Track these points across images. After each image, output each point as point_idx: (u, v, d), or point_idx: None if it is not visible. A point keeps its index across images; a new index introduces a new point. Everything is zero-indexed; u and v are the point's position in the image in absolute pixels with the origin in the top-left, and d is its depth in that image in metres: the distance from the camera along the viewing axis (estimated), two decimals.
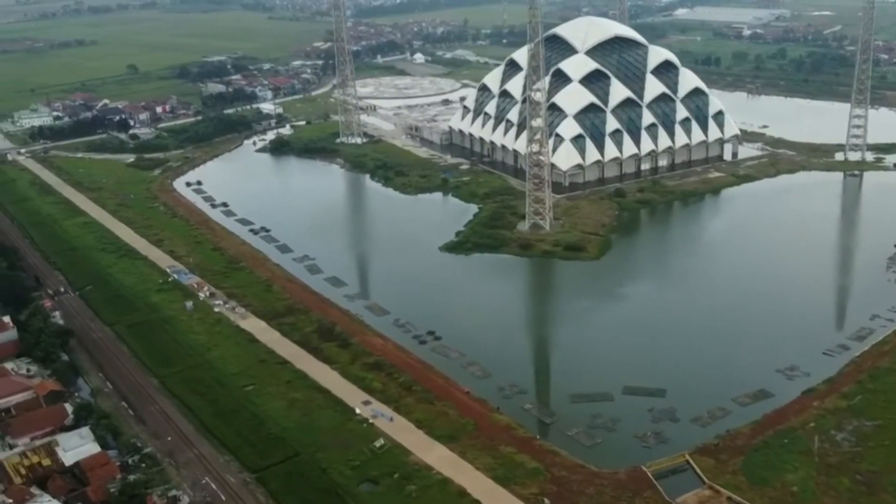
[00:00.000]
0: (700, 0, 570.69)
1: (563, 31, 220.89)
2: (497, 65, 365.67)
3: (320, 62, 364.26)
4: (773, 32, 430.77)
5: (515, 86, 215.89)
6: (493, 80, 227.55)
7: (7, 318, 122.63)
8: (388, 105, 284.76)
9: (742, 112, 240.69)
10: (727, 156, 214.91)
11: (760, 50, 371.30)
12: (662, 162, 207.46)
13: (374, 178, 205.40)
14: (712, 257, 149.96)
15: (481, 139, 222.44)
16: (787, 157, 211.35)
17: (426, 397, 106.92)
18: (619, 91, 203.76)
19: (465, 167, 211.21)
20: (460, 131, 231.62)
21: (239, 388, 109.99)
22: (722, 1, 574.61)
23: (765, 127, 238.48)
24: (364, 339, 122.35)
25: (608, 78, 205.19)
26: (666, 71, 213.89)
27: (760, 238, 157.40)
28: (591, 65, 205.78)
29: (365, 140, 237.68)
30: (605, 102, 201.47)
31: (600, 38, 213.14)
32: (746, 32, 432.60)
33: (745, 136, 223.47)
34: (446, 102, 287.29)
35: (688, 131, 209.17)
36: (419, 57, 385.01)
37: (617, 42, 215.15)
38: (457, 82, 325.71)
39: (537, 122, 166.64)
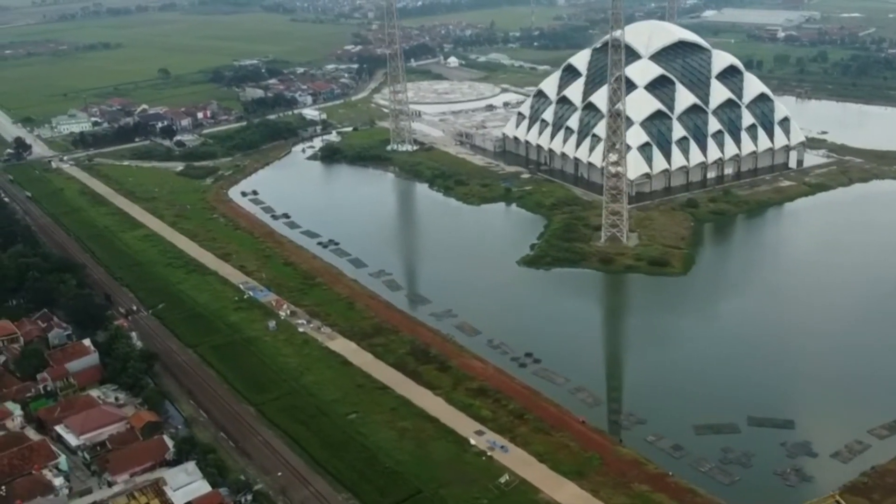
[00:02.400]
0: (725, 2, 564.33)
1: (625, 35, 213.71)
2: (533, 69, 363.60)
3: (354, 66, 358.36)
4: (808, 35, 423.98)
5: (574, 92, 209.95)
6: (549, 86, 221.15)
7: (87, 342, 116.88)
8: (432, 111, 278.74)
9: (795, 117, 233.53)
10: (792, 163, 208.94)
11: (798, 53, 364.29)
12: (728, 170, 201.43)
13: (432, 188, 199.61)
14: (807, 272, 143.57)
15: (538, 147, 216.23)
16: (855, 165, 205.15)
17: (541, 427, 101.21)
18: (684, 97, 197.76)
19: (525, 176, 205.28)
20: (515, 138, 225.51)
21: (342, 416, 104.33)
22: (746, 2, 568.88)
23: (824, 133, 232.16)
24: (462, 362, 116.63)
25: (673, 84, 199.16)
26: (731, 76, 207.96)
27: (853, 250, 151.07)
28: (656, 70, 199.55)
29: (416, 147, 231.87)
30: (671, 109, 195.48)
31: (664, 43, 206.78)
32: (781, 35, 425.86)
33: (808, 143, 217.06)
34: (490, 108, 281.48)
35: (754, 138, 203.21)
36: (453, 61, 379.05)
37: (680, 46, 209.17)
38: (496, 87, 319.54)
39: (616, 133, 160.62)
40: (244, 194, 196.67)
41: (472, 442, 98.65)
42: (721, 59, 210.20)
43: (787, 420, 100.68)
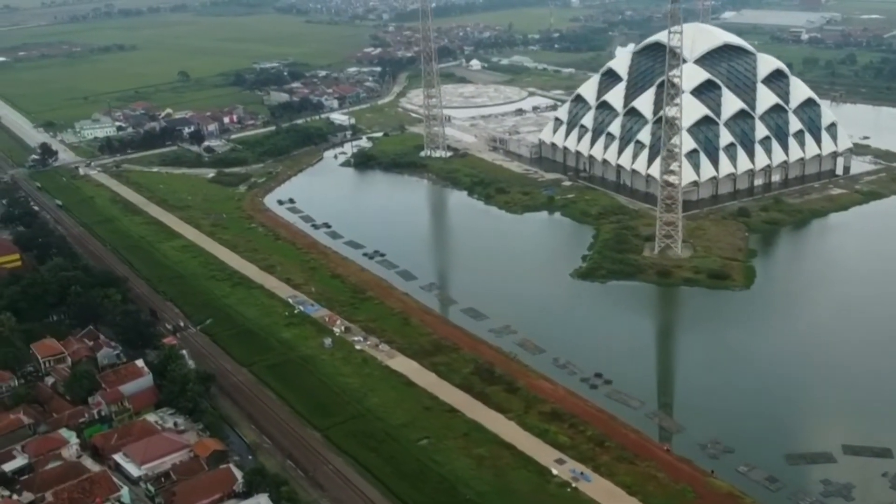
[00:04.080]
0: (742, 3, 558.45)
1: (667, 38, 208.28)
2: (557, 72, 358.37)
3: (377, 69, 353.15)
4: (832, 36, 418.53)
5: (615, 97, 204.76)
6: (588, 90, 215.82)
7: (141, 363, 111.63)
8: (461, 115, 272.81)
9: None
10: (839, 170, 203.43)
11: (824, 55, 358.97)
12: (775, 177, 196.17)
13: (472, 195, 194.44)
14: (879, 284, 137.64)
15: (577, 153, 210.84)
16: None
17: (624, 455, 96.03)
18: (731, 102, 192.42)
19: (566, 184, 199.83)
20: (552, 144, 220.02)
21: (413, 442, 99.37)
22: (763, 3, 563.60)
23: (866, 138, 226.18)
24: (530, 383, 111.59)
25: (719, 88, 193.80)
26: (776, 80, 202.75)
27: None
28: (702, 75, 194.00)
29: (450, 153, 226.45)
30: (718, 115, 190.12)
31: (709, 46, 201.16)
32: (805, 37, 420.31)
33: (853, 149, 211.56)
34: (520, 112, 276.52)
35: (801, 144, 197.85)
36: (475, 63, 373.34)
37: (725, 50, 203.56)
38: (522, 90, 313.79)
39: (673, 141, 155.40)
40: (281, 202, 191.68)
41: (555, 472, 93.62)
42: (766, 63, 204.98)
43: (885, 448, 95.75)
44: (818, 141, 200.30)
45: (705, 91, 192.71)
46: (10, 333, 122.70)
